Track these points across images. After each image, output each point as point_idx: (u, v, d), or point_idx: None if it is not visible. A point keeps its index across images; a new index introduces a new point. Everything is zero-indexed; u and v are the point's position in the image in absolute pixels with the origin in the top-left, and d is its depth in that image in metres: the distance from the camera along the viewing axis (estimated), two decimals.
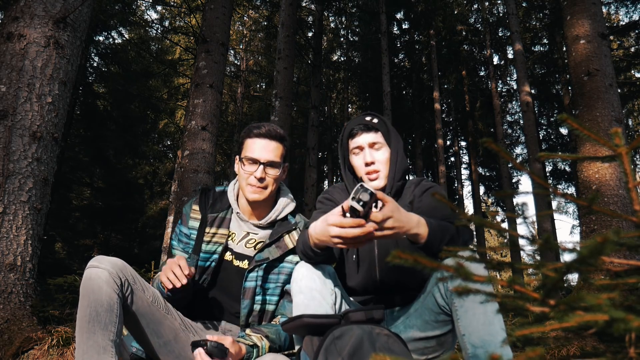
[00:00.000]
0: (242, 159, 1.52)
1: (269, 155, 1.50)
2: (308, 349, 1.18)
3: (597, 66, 4.00)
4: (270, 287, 1.55)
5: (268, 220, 1.57)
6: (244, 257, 1.57)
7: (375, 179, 1.50)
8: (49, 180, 2.86)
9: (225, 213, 1.59)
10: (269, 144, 1.50)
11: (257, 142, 1.50)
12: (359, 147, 1.51)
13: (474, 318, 1.14)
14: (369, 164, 1.49)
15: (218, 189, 1.66)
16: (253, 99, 17.77)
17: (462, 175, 17.43)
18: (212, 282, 1.57)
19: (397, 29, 15.66)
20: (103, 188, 12.24)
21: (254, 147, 1.50)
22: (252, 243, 1.59)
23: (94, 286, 1.23)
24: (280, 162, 1.53)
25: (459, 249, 0.63)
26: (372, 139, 1.50)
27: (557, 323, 0.45)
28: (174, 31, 12.84)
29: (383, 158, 1.50)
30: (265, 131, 1.51)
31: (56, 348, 2.37)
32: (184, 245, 1.58)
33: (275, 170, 1.52)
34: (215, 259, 1.55)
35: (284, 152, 1.55)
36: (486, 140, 0.58)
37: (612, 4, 11.68)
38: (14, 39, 2.82)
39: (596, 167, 3.79)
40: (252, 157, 1.49)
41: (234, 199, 1.60)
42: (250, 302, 1.51)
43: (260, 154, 1.49)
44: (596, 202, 0.55)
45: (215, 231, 1.56)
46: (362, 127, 1.51)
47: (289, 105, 7.21)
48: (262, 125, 1.52)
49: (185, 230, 1.58)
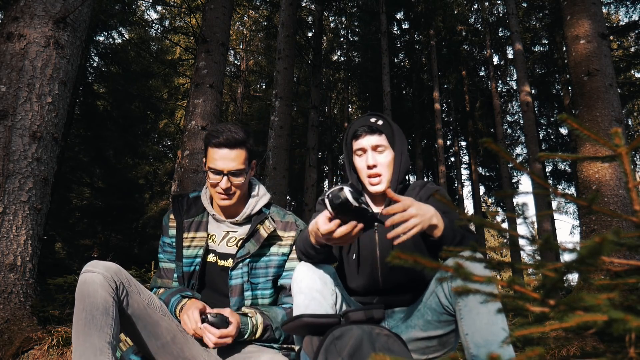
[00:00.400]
0: (207, 169, 1.51)
1: (230, 165, 1.47)
2: (308, 349, 1.18)
3: (597, 66, 4.00)
4: (260, 281, 1.56)
5: (243, 216, 1.58)
6: (227, 256, 1.58)
7: (377, 184, 1.49)
8: (49, 180, 2.86)
9: (201, 217, 1.60)
10: (229, 153, 1.47)
11: (217, 152, 1.47)
12: (362, 149, 1.50)
13: (477, 317, 1.14)
14: (370, 167, 1.48)
15: (192, 194, 1.66)
16: (253, 99, 17.77)
17: (462, 175, 17.44)
18: (201, 285, 1.58)
19: (397, 29, 15.67)
20: (103, 188, 12.23)
21: (215, 157, 1.47)
22: (233, 241, 1.59)
23: (89, 290, 1.24)
24: (244, 168, 1.51)
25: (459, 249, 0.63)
26: (376, 142, 1.49)
27: (557, 323, 0.45)
28: (174, 31, 12.84)
29: (385, 161, 1.49)
30: (223, 140, 1.45)
31: (56, 348, 2.37)
32: (169, 255, 1.61)
33: (240, 178, 1.50)
34: (198, 262, 1.55)
35: (247, 155, 1.52)
36: (486, 140, 0.58)
37: (612, 4, 11.68)
38: (14, 39, 2.82)
39: (596, 167, 3.79)
40: (215, 168, 1.47)
41: (207, 202, 1.61)
42: (240, 298, 1.52)
43: (222, 165, 1.46)
44: (596, 202, 0.55)
45: (194, 235, 1.57)
46: (367, 128, 1.49)
47: (289, 105, 7.22)
48: (221, 133, 1.46)
49: (167, 240, 1.61)
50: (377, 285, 1.47)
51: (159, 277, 1.61)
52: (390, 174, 1.50)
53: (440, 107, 13.51)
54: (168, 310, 1.48)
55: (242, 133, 1.49)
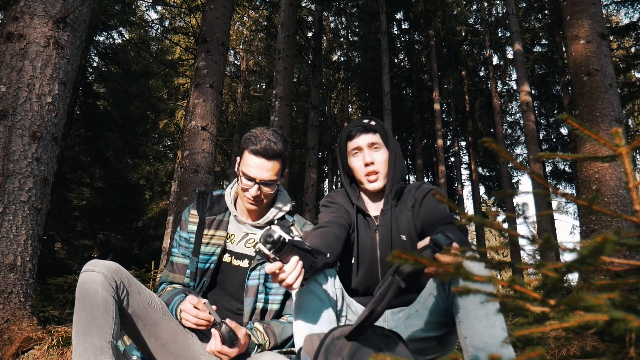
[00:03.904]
0: (239, 172, 1.52)
1: (264, 175, 1.47)
2: (308, 348, 1.18)
3: (597, 66, 4.00)
4: (274, 286, 1.56)
5: (266, 220, 1.60)
6: (244, 257, 1.58)
7: (375, 180, 1.51)
8: (49, 180, 2.86)
9: (223, 216, 1.61)
10: (265, 164, 1.47)
11: (254, 159, 1.47)
12: (358, 147, 1.52)
13: (476, 321, 1.13)
14: (368, 164, 1.50)
15: (216, 192, 1.68)
16: (253, 99, 17.77)
17: (462, 175, 17.43)
18: (212, 284, 1.59)
19: (396, 29, 15.67)
20: (103, 188, 12.23)
21: (250, 163, 1.47)
22: (251, 243, 1.60)
23: (90, 289, 1.24)
24: (276, 179, 1.51)
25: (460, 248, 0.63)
26: (371, 140, 1.51)
27: (558, 323, 0.45)
28: (174, 31, 12.84)
29: (382, 159, 1.51)
30: (262, 149, 1.45)
31: (56, 348, 2.37)
32: (183, 250, 1.61)
33: (271, 188, 1.51)
34: (214, 260, 1.56)
35: (281, 167, 1.52)
36: (486, 140, 0.58)
37: (612, 5, 11.68)
38: (14, 39, 2.82)
39: (596, 167, 3.79)
40: (249, 175, 1.48)
41: (231, 202, 1.62)
42: (254, 299, 1.53)
43: (256, 173, 1.47)
44: (596, 202, 0.55)
45: (214, 233, 1.58)
46: (361, 128, 1.52)
47: (289, 105, 7.21)
48: (260, 140, 1.46)
49: (185, 235, 1.61)
50: (377, 284, 1.48)
51: (171, 271, 1.61)
52: (387, 171, 1.51)
53: (440, 107, 13.51)
54: (169, 310, 1.48)
55: (280, 144, 1.48)
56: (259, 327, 1.46)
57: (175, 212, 4.24)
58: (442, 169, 12.57)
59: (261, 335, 1.43)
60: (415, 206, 1.50)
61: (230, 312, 1.57)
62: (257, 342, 1.41)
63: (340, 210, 1.54)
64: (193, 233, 1.59)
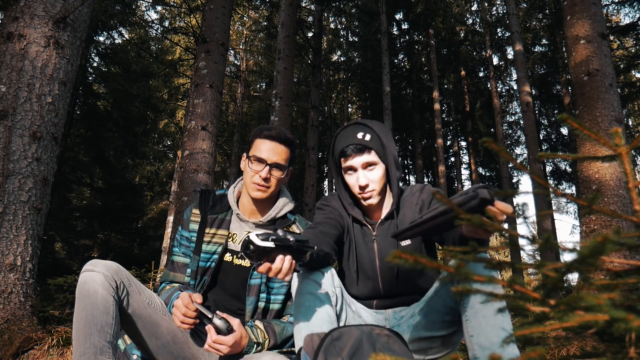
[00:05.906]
0: (250, 157, 1.56)
1: (275, 157, 1.53)
2: (308, 348, 1.18)
3: (597, 66, 4.00)
4: (275, 286, 1.56)
5: (268, 218, 1.60)
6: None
7: (370, 197, 1.48)
8: (49, 180, 2.86)
9: (225, 214, 1.62)
10: (277, 147, 1.54)
11: (266, 143, 1.54)
12: (352, 168, 1.48)
13: (483, 320, 1.13)
14: (363, 187, 1.46)
15: (218, 192, 1.69)
16: (253, 99, 17.78)
17: (462, 175, 17.44)
18: (212, 283, 1.58)
19: (396, 30, 15.67)
20: (103, 188, 12.23)
21: (262, 147, 1.54)
22: None
23: (89, 289, 1.24)
24: (285, 165, 1.57)
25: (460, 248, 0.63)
26: (366, 160, 1.45)
27: (557, 323, 0.45)
28: (174, 31, 12.83)
29: (377, 177, 1.47)
30: (275, 133, 1.54)
31: (56, 348, 2.37)
32: (184, 249, 1.61)
33: (280, 172, 1.55)
34: (215, 259, 1.56)
35: (290, 155, 1.59)
36: (487, 140, 0.58)
37: (612, 5, 11.68)
38: (14, 39, 2.82)
39: (596, 167, 3.79)
40: (260, 157, 1.53)
41: (233, 201, 1.63)
42: (256, 299, 1.53)
43: (267, 155, 1.53)
44: (596, 202, 0.55)
45: (215, 232, 1.58)
46: (354, 148, 1.45)
47: (289, 105, 7.21)
48: (274, 128, 1.56)
49: (186, 234, 1.61)
50: (379, 293, 1.48)
51: (171, 270, 1.61)
52: (382, 186, 1.48)
53: (440, 107, 13.51)
54: (168, 309, 1.47)
55: (291, 136, 1.60)
56: (259, 325, 1.45)
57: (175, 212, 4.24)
58: (442, 169, 12.57)
59: (261, 333, 1.43)
60: (423, 208, 1.50)
61: (231, 312, 1.57)
62: (257, 340, 1.40)
63: (334, 213, 1.54)
64: (194, 232, 1.59)
